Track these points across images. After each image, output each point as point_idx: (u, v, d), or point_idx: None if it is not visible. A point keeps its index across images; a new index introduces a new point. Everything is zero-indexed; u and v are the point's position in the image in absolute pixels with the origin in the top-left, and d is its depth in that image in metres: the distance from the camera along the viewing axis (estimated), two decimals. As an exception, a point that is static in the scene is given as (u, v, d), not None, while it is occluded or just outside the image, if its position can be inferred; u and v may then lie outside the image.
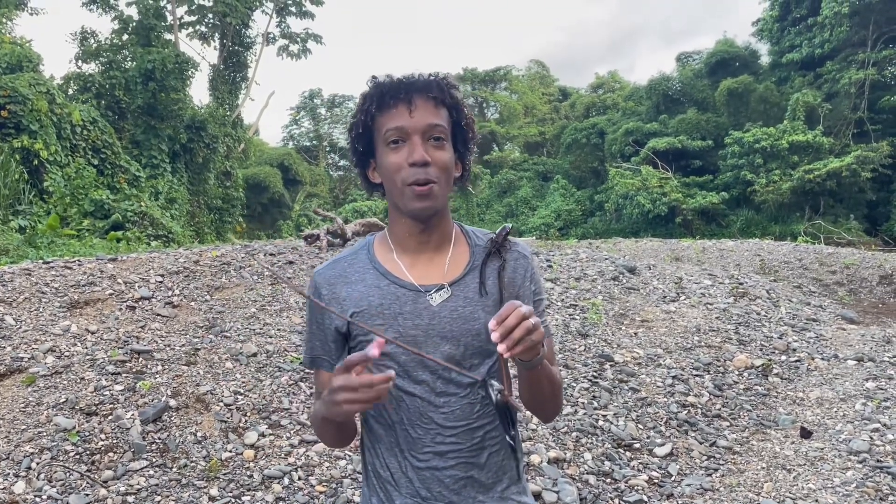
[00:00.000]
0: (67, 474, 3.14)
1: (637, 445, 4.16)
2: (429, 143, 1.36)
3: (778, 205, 28.04)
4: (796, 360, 5.86)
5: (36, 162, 13.46)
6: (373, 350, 1.20)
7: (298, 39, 26.21)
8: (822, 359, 5.94)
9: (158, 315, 4.65)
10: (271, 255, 6.18)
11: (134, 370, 3.97)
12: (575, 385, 4.78)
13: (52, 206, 12.85)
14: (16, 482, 3.04)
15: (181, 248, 7.11)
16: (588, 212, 33.06)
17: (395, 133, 1.35)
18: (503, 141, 42.64)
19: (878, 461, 3.97)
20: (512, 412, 1.40)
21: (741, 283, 8.20)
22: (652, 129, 32.24)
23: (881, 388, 5.17)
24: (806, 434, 4.43)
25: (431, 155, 1.35)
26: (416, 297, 1.40)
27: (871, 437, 4.27)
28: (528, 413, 3.35)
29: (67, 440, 3.33)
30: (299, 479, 3.40)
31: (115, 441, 3.40)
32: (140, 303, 4.75)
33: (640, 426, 4.41)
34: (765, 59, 34.54)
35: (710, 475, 3.95)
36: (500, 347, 1.18)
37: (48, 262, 5.25)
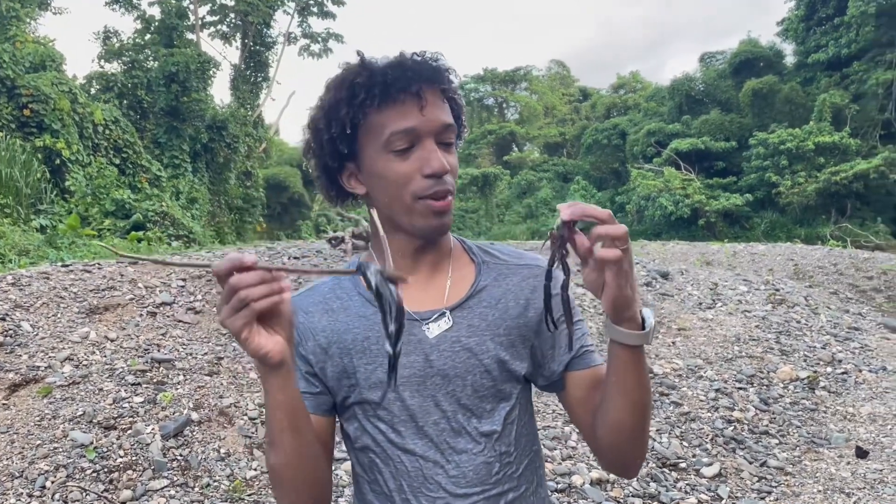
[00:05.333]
0: (84, 494, 2.96)
1: (683, 465, 3.93)
2: (440, 147, 1.10)
3: (803, 207, 27.60)
4: (843, 373, 5.58)
5: (58, 161, 13.43)
6: (248, 255, 0.91)
7: (320, 39, 26.14)
8: (870, 371, 5.66)
9: (180, 321, 4.48)
10: (295, 258, 6.00)
11: (154, 380, 3.79)
12: (613, 398, 4.54)
13: (74, 206, 12.79)
14: (29, 503, 2.87)
15: (203, 250, 6.95)
16: (609, 213, 32.66)
17: (405, 137, 1.07)
18: (523, 141, 42.39)
19: (944, 485, 3.71)
20: (395, 298, 0.91)
21: (777, 290, 7.91)
22: (674, 129, 31.87)
23: (936, 404, 4.90)
24: (862, 454, 4.17)
25: (447, 161, 1.09)
26: (410, 327, 1.12)
27: (934, 459, 4.01)
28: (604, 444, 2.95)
29: (84, 457, 3.15)
30: (328, 500, 3.20)
31: (134, 458, 3.22)
32: (161, 308, 4.58)
33: (685, 443, 4.17)
34: (790, 60, 34.06)
35: (763, 498, 3.70)
36: (564, 210, 0.93)
37: (67, 265, 5.10)
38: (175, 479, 3.17)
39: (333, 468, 1.41)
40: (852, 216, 26.93)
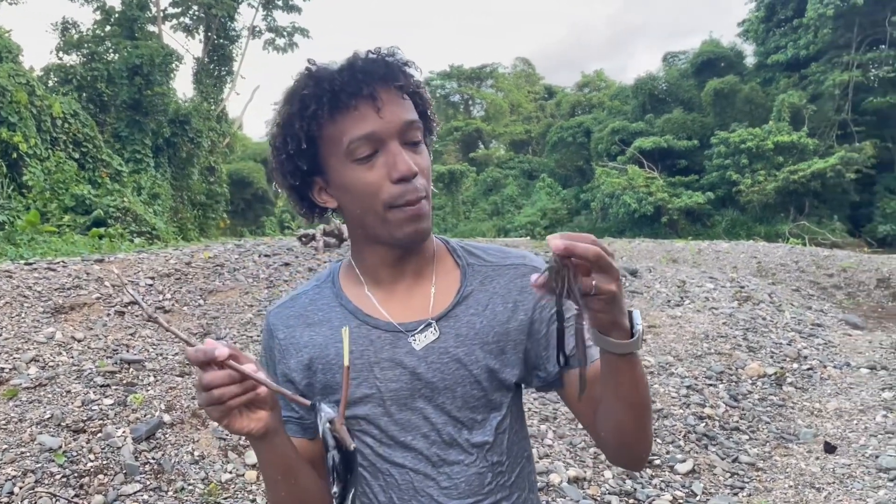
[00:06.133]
0: (54, 500, 2.88)
1: (657, 462, 3.96)
2: (406, 148, 1.04)
3: (762, 205, 28.16)
4: (808, 369, 5.69)
5: (15, 155, 13.05)
6: (221, 349, 0.90)
7: (285, 33, 25.83)
8: (835, 367, 5.78)
9: (149, 321, 4.38)
10: (266, 255, 5.91)
11: (124, 382, 3.70)
12: (588, 396, 4.56)
13: (32, 201, 12.46)
14: (-3, 510, 2.78)
15: (170, 247, 6.83)
16: (574, 211, 33.02)
17: (366, 143, 1.01)
18: (489, 139, 42.50)
19: (909, 479, 3.80)
20: (347, 454, 0.96)
21: (743, 287, 8.05)
22: (638, 128, 32.26)
23: (899, 399, 5.02)
24: (830, 449, 4.25)
25: (415, 162, 1.03)
26: (396, 339, 1.10)
27: (899, 453, 4.10)
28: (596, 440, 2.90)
29: (53, 461, 3.06)
30: (306, 502, 3.15)
31: (105, 462, 3.14)
32: (129, 308, 4.48)
33: (659, 440, 4.20)
34: (750, 60, 34.71)
35: (736, 494, 3.75)
36: (555, 242, 0.83)
37: (30, 264, 4.96)
38: (148, 483, 3.09)
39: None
40: (810, 214, 27.57)
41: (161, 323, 0.95)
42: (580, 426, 4.14)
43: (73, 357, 3.83)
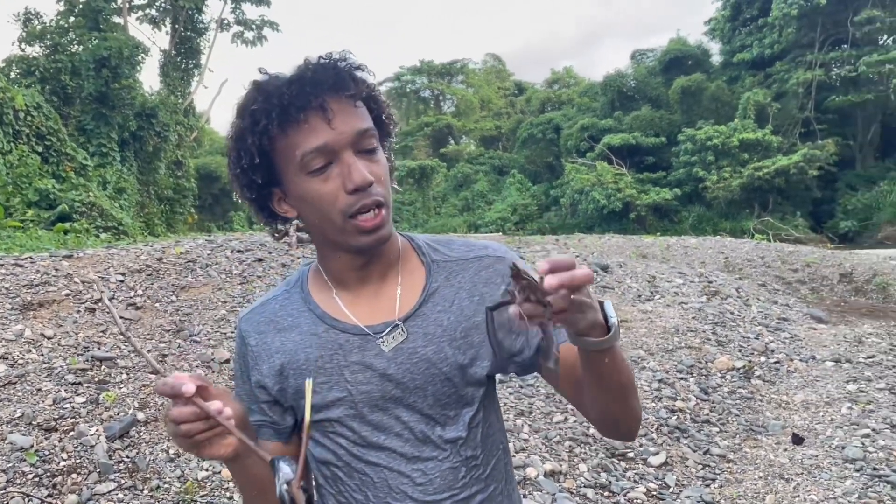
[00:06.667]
0: (27, 500, 2.83)
1: (631, 454, 4.02)
2: (361, 156, 1.03)
3: (728, 201, 28.62)
4: (776, 362, 5.81)
5: (-25, 149, 12.76)
6: (188, 385, 0.90)
7: (254, 26, 25.52)
8: (801, 360, 5.91)
9: (121, 318, 4.32)
10: (238, 251, 5.86)
11: (96, 379, 3.65)
12: (562, 390, 4.61)
13: (-7, 196, 12.19)
14: (-32, 511, 2.73)
15: (139, 242, 6.73)
16: (544, 206, 33.24)
17: (318, 156, 1.01)
18: (459, 134, 42.54)
19: (874, 469, 3.89)
20: None
21: (711, 282, 8.17)
22: (607, 125, 32.55)
23: (863, 391, 5.14)
24: (798, 440, 4.34)
25: (370, 171, 1.03)
26: (364, 342, 1.10)
27: (864, 444, 4.20)
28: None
29: (25, 461, 3.01)
30: (283, 499, 3.14)
31: (78, 460, 3.09)
32: (100, 304, 4.41)
33: (632, 434, 4.26)
34: (716, 59, 35.20)
35: (708, 486, 3.82)
36: (541, 265, 0.82)
37: (-3, 260, 4.86)
38: (123, 481, 3.06)
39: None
40: (774, 210, 28.10)
41: (135, 346, 0.99)
42: (555, 420, 4.18)
43: (43, 354, 3.77)
